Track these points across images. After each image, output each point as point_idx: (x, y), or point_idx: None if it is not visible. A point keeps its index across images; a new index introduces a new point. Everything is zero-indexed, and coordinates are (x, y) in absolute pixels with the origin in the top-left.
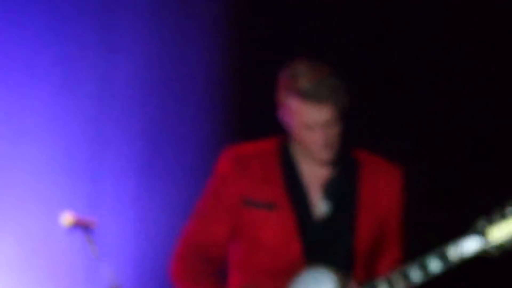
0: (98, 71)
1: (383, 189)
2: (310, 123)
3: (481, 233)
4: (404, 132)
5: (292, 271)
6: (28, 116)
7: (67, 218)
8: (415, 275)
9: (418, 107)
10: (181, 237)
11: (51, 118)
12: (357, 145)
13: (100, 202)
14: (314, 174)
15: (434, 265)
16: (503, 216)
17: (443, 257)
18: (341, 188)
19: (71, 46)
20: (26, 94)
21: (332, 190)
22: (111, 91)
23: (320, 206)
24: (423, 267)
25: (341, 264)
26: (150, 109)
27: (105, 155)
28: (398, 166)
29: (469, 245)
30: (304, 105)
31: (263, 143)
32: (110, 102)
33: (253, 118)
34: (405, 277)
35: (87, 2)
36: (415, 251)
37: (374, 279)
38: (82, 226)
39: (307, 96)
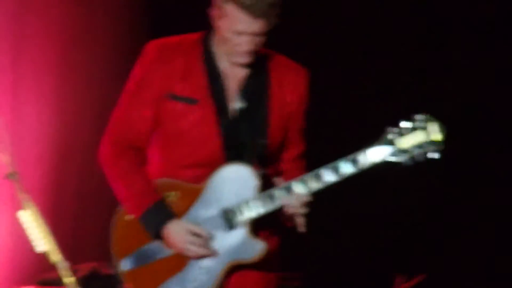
0: None
1: (290, 86)
2: (242, 31)
3: (391, 142)
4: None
5: (212, 165)
6: None
7: None
8: (328, 176)
9: None
10: (108, 132)
11: None
12: None
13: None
14: (232, 72)
15: (346, 168)
16: (411, 128)
17: (354, 162)
18: (254, 87)
19: None
20: None
21: (246, 88)
22: None
23: (237, 103)
24: (335, 170)
25: (256, 158)
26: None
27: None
28: (304, 68)
29: (379, 152)
30: (241, 14)
31: (187, 36)
32: None
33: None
34: (319, 177)
35: None
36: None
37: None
38: None
39: (245, 7)
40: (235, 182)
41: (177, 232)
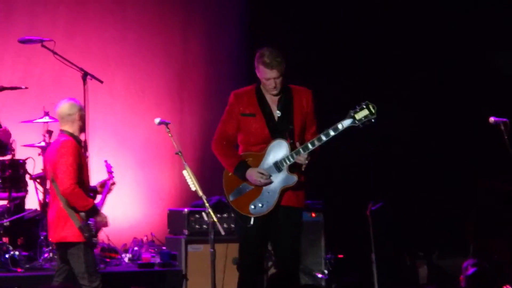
0: None
1: (303, 98)
2: (267, 77)
3: (352, 116)
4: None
5: (266, 143)
6: None
7: None
8: (323, 137)
9: None
10: (215, 134)
11: None
12: None
13: None
14: (271, 98)
15: (331, 133)
16: (362, 107)
17: (335, 129)
18: (284, 103)
19: None
20: None
21: (280, 105)
22: None
23: (276, 113)
24: (325, 134)
25: (287, 136)
26: None
27: None
28: (309, 89)
29: (347, 122)
30: (264, 68)
31: (250, 86)
32: None
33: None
34: (319, 139)
35: None
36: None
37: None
38: None
39: (265, 64)
40: (278, 148)
41: (252, 173)
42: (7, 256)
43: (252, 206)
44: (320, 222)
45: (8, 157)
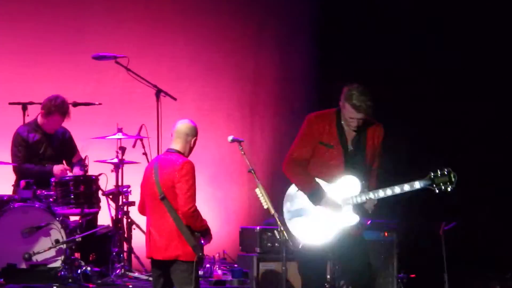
0: None
1: (375, 134)
2: (352, 117)
3: (431, 179)
4: None
5: (339, 175)
6: None
7: None
8: (396, 190)
9: None
10: (288, 156)
11: None
12: None
13: None
14: (349, 131)
15: (405, 188)
16: (443, 173)
17: (411, 185)
18: (359, 138)
19: None
20: None
21: (355, 139)
22: None
23: (350, 146)
24: (400, 187)
25: (361, 174)
26: None
27: None
28: (381, 125)
29: (425, 183)
30: (351, 109)
31: (329, 110)
32: None
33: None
34: (392, 190)
35: None
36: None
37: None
38: None
39: (354, 106)
40: (349, 185)
41: (329, 202)
42: (79, 271)
43: (307, 232)
44: (393, 242)
45: (81, 173)
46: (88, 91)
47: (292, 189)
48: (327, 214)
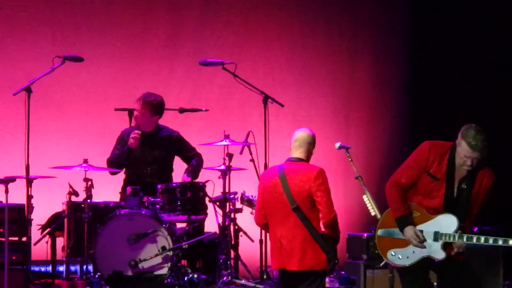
0: None
1: (484, 181)
2: (467, 155)
3: None
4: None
5: (437, 210)
6: None
7: None
8: (488, 241)
9: None
10: (395, 177)
11: None
12: None
13: None
14: (459, 169)
15: (499, 242)
16: None
17: (505, 241)
18: (468, 180)
19: None
20: None
21: (464, 180)
22: None
23: (457, 184)
24: (494, 240)
25: (460, 214)
26: None
27: None
28: (492, 171)
29: None
30: (467, 147)
31: (446, 142)
32: None
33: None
34: (486, 240)
35: None
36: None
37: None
38: None
39: (470, 145)
40: (447, 222)
41: (409, 231)
42: (186, 278)
43: (392, 253)
44: (499, 249)
45: (188, 179)
46: (183, 97)
47: None
48: (411, 243)
